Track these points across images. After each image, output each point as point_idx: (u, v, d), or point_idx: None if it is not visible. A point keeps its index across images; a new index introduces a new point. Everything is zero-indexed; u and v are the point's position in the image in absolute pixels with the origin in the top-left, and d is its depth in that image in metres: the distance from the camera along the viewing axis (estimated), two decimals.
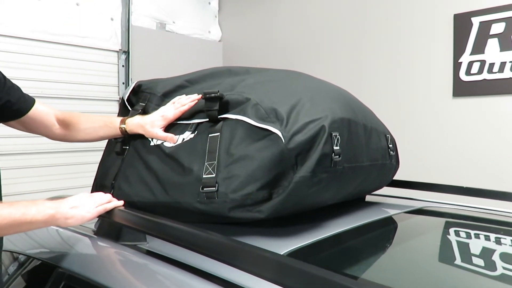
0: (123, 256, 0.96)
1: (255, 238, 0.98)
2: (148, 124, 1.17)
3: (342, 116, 1.08)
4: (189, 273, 0.83)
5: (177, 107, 1.16)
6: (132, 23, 3.58)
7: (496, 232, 1.26)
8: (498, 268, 0.98)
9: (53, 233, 1.18)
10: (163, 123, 1.16)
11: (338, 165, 1.02)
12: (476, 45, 2.75)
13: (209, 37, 4.23)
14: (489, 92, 2.72)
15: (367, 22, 3.29)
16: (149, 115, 1.19)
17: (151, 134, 1.16)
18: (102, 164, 1.30)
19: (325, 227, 1.08)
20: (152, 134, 1.16)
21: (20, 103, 1.17)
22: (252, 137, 0.99)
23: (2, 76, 1.13)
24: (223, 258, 0.74)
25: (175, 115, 1.15)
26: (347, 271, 0.89)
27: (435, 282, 0.87)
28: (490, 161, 2.70)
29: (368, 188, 1.36)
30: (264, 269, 0.68)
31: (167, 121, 1.16)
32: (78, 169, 3.17)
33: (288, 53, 3.76)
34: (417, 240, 1.17)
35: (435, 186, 1.51)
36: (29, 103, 1.19)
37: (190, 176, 1.02)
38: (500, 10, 2.66)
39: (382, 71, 3.21)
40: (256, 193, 0.95)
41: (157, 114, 1.18)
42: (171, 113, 1.16)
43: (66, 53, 3.20)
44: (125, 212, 0.96)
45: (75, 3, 3.24)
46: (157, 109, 1.20)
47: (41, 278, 1.04)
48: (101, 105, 3.32)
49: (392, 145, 1.39)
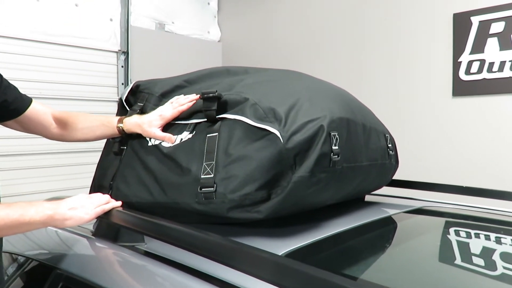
0: (121, 257, 0.95)
1: (253, 239, 0.98)
2: (146, 123, 1.16)
3: (341, 116, 1.08)
4: (187, 274, 0.83)
5: (175, 107, 1.16)
6: (131, 23, 3.58)
7: (496, 232, 1.26)
8: (498, 268, 0.97)
9: (51, 234, 1.18)
10: (161, 122, 1.15)
11: (337, 165, 1.02)
12: (475, 44, 2.75)
13: (208, 38, 4.23)
14: (488, 91, 2.72)
15: (367, 22, 3.29)
16: (147, 115, 1.19)
17: (148, 133, 1.16)
18: (100, 164, 1.29)
19: (324, 227, 1.08)
20: (150, 134, 1.15)
21: (17, 102, 1.16)
22: (251, 137, 0.98)
23: (4, 79, 1.13)
24: (221, 259, 0.73)
25: (173, 114, 1.15)
26: (345, 272, 0.89)
27: (434, 282, 0.86)
28: (490, 161, 2.70)
29: (368, 188, 1.36)
30: (262, 270, 0.68)
31: (165, 120, 1.15)
32: (77, 170, 3.17)
33: (288, 53, 3.75)
34: (417, 240, 1.16)
35: (435, 185, 1.50)
36: (26, 102, 1.19)
37: (188, 177, 1.01)
38: (499, 9, 2.66)
39: (381, 71, 3.21)
40: (255, 194, 0.95)
41: (155, 114, 1.17)
42: (169, 113, 1.15)
43: (65, 54, 3.20)
44: (123, 213, 0.95)
45: (74, 4, 3.24)
46: (155, 109, 1.20)
47: (39, 279, 1.04)
48: (100, 106, 3.32)
49: (392, 144, 1.38)
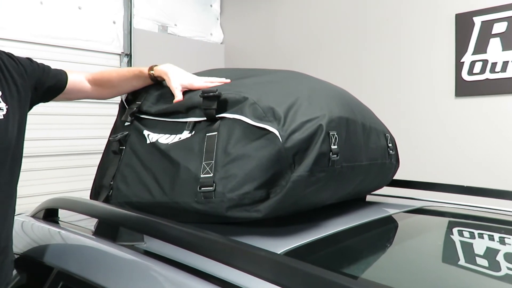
0: (121, 256, 0.95)
1: (253, 238, 0.98)
2: (174, 75, 1.20)
3: (340, 115, 1.08)
4: (187, 273, 0.83)
5: (206, 81, 1.19)
6: (134, 26, 3.59)
7: (497, 231, 1.25)
8: (499, 268, 0.97)
9: (52, 233, 1.18)
10: (187, 84, 1.18)
11: (336, 164, 1.02)
12: (478, 44, 2.74)
13: (211, 40, 4.24)
14: (491, 91, 2.71)
15: (369, 23, 3.29)
16: (180, 70, 1.23)
17: (170, 84, 1.19)
18: (101, 165, 1.30)
19: (323, 227, 1.08)
20: (171, 85, 1.18)
21: (57, 80, 1.23)
22: (250, 136, 0.98)
23: (35, 62, 1.17)
24: (220, 258, 0.73)
25: (200, 86, 1.17)
26: (344, 270, 0.89)
27: (434, 281, 0.86)
28: (493, 161, 2.69)
29: (368, 188, 1.35)
30: (261, 269, 0.68)
31: (192, 86, 1.18)
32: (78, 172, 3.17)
33: (290, 54, 3.76)
34: (417, 240, 1.16)
35: (436, 185, 1.50)
36: (63, 76, 1.25)
37: (188, 176, 1.01)
38: (502, 10, 2.65)
39: (384, 71, 3.20)
40: (254, 193, 0.95)
41: (187, 75, 1.21)
42: (198, 83, 1.18)
43: (69, 57, 3.22)
44: (123, 212, 0.96)
45: (77, 7, 3.26)
46: (152, 108, 1.21)
47: (39, 279, 1.05)
48: (104, 108, 3.32)
49: (392, 144, 1.38)
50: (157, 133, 1.15)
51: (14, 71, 1.08)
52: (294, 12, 3.78)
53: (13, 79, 1.07)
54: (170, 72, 1.22)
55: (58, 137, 3.18)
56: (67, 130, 3.21)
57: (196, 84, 1.18)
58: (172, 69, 1.23)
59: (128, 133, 1.22)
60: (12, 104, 1.04)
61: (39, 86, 1.16)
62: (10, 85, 1.06)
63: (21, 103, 1.08)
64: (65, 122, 3.18)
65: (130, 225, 0.93)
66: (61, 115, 3.15)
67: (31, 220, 1.29)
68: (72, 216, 1.20)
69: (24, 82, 1.10)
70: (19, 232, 1.22)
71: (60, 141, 3.19)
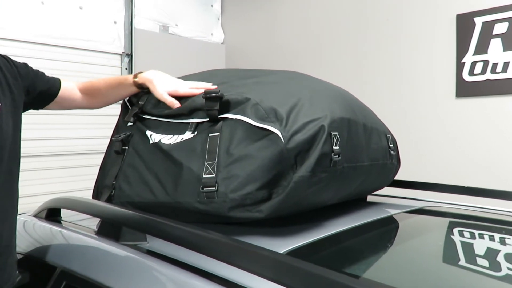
0: (123, 256, 0.96)
1: (255, 238, 0.98)
2: (159, 82, 1.18)
3: (342, 116, 1.08)
4: (189, 273, 0.83)
5: (192, 87, 1.17)
6: (135, 26, 3.60)
7: (498, 232, 1.26)
8: (499, 268, 0.97)
9: (54, 233, 1.19)
10: (172, 91, 1.16)
11: (337, 164, 1.02)
12: (479, 45, 2.75)
13: (211, 40, 4.24)
14: (492, 92, 2.71)
15: (369, 23, 3.29)
16: (165, 75, 1.22)
17: (156, 92, 1.18)
18: (103, 165, 1.30)
19: (325, 227, 1.08)
20: (157, 93, 1.17)
21: (49, 87, 1.22)
22: (252, 137, 0.99)
23: (30, 67, 1.18)
24: (223, 257, 0.74)
25: (185, 93, 1.16)
26: (346, 270, 0.89)
27: (436, 281, 0.86)
28: (494, 162, 2.69)
29: (369, 188, 1.36)
30: (264, 268, 0.68)
31: (176, 93, 1.16)
32: (79, 172, 3.17)
33: (291, 55, 3.76)
34: (418, 240, 1.16)
35: (436, 186, 1.50)
36: (57, 84, 1.25)
37: (190, 176, 1.02)
38: (503, 10, 2.66)
39: (384, 72, 3.21)
40: (256, 193, 0.95)
41: (172, 81, 1.20)
42: (183, 90, 1.16)
43: (70, 57, 3.22)
44: (126, 212, 0.96)
45: (78, 7, 3.27)
46: (154, 108, 1.21)
47: (42, 278, 1.05)
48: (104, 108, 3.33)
49: (393, 144, 1.38)
50: (159, 134, 1.16)
51: (7, 71, 1.08)
52: (294, 12, 3.79)
53: (6, 79, 1.07)
54: (155, 79, 1.20)
55: (59, 137, 3.18)
56: (68, 130, 3.21)
57: (181, 90, 1.16)
58: (157, 76, 1.21)
59: (131, 133, 1.23)
60: (5, 103, 1.04)
61: (32, 89, 1.16)
62: (2, 84, 1.05)
63: (15, 103, 1.08)
64: (66, 122, 3.18)
65: (133, 225, 0.94)
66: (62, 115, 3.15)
67: (33, 219, 1.29)
68: (74, 216, 1.21)
69: (17, 83, 1.10)
70: (21, 232, 1.22)
71: (60, 141, 3.19)
